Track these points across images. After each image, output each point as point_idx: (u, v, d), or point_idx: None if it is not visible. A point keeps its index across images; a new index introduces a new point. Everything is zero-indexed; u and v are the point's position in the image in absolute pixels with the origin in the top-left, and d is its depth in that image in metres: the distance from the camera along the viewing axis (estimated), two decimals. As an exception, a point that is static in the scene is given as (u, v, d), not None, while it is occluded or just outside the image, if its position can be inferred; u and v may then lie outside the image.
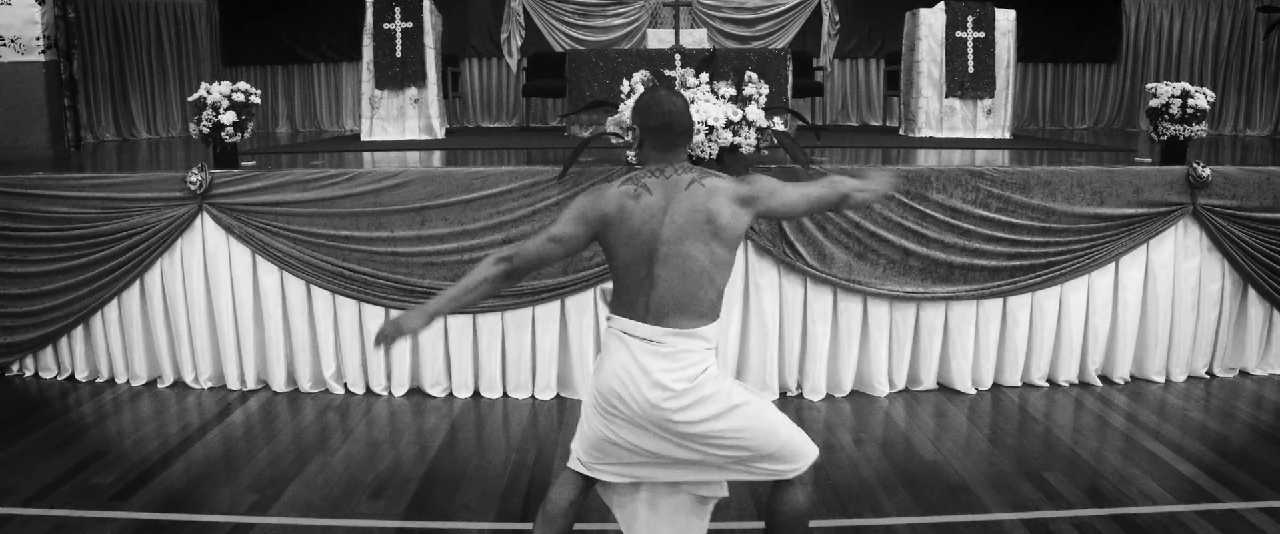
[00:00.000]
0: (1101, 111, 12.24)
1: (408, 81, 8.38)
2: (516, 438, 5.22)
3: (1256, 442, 5.18)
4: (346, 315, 5.80)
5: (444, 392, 5.86)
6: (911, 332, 5.83)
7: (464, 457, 4.95)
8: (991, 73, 8.23)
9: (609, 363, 3.09)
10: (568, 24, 11.18)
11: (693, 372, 3.02)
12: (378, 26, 8.34)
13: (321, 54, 11.72)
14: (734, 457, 3.10)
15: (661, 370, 2.99)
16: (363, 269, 5.67)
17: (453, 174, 5.63)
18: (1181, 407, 5.73)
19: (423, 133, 8.45)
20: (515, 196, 5.58)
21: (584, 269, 5.60)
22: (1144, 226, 5.91)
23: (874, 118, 11.87)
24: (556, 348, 5.76)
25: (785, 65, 8.02)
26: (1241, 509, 4.33)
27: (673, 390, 2.99)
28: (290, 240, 5.69)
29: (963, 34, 8.20)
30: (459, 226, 5.62)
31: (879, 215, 5.63)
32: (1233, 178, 5.99)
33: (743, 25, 11.31)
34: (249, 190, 5.69)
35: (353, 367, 5.87)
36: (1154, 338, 6.10)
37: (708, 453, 3.09)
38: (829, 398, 5.82)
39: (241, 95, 5.85)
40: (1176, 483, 4.60)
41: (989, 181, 5.73)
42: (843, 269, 5.65)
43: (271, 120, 11.92)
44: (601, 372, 3.13)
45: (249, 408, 5.71)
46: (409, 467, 4.81)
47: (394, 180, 5.63)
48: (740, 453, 3.09)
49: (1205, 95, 6.09)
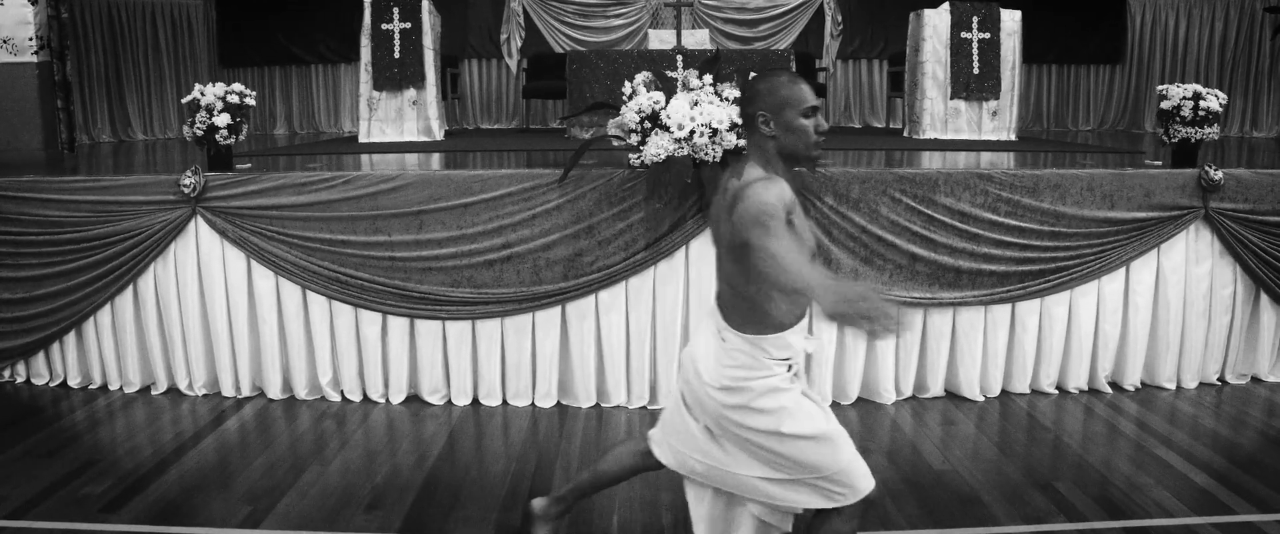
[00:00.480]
0: (1106, 113, 12.16)
1: (406, 83, 8.28)
2: (517, 447, 5.11)
3: (1270, 450, 5.07)
4: (343, 321, 5.69)
5: (443, 399, 5.76)
6: (918, 338, 5.72)
7: (463, 466, 4.85)
8: (997, 74, 8.14)
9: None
10: (568, 24, 11.08)
11: (739, 374, 3.02)
12: (376, 27, 8.24)
13: (320, 55, 11.63)
14: (774, 471, 3.10)
15: (704, 355, 3.12)
16: (359, 274, 5.57)
17: (451, 177, 5.53)
18: (1193, 414, 5.64)
19: (421, 134, 8.36)
20: (514, 200, 5.48)
21: (585, 274, 5.50)
22: (1155, 230, 5.81)
23: (877, 119, 11.79)
24: (557, 354, 5.66)
25: (788, 65, 7.92)
26: (1259, 522, 4.23)
27: (708, 382, 3.07)
28: (285, 245, 5.59)
29: (968, 35, 8.10)
30: (457, 231, 5.51)
31: (886, 220, 5.53)
32: (1245, 181, 5.90)
33: (745, 26, 11.22)
34: (244, 194, 5.60)
35: (349, 373, 5.77)
36: (1165, 343, 6.00)
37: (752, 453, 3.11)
38: (835, 406, 5.70)
39: (236, 97, 5.76)
40: (1190, 493, 4.50)
41: (997, 185, 5.63)
42: (849, 275, 5.54)
43: (269, 122, 11.84)
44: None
45: (244, 415, 5.60)
46: (407, 476, 4.71)
47: (391, 184, 5.53)
48: (780, 469, 3.10)
49: (1217, 97, 5.99)
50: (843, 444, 3.08)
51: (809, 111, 2.90)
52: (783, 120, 2.89)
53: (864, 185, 5.51)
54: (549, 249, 5.50)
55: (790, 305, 3.01)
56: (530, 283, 5.52)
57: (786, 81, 2.92)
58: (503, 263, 5.52)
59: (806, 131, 2.90)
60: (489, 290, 5.54)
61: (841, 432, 3.12)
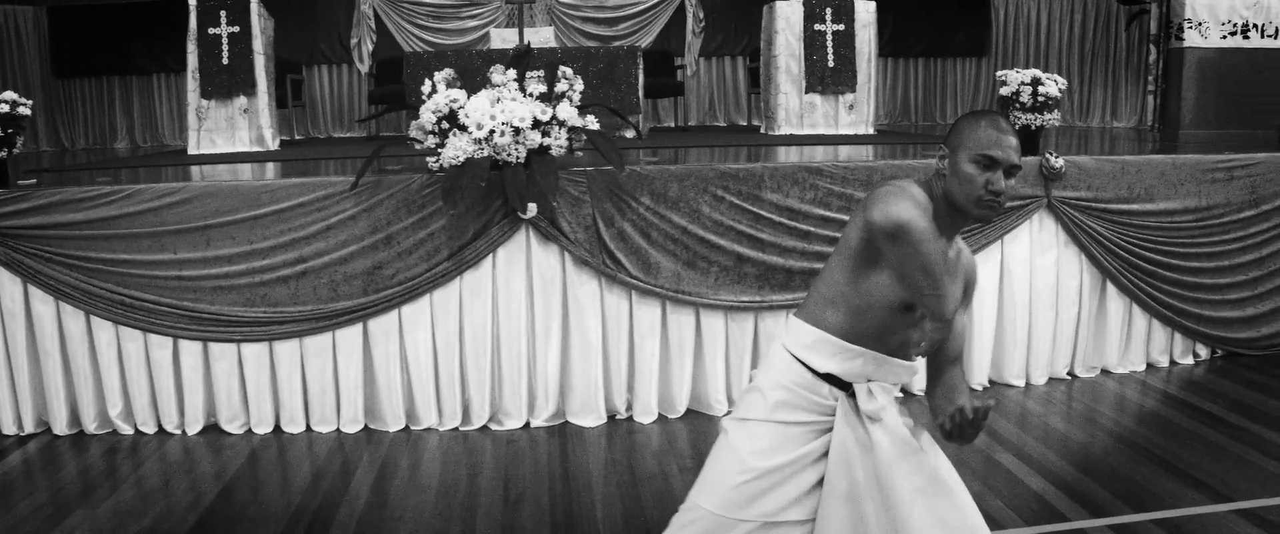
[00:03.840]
0: (973, 105, 12.16)
1: (236, 90, 7.80)
2: (307, 479, 4.70)
3: (1115, 449, 4.85)
4: (132, 347, 5.22)
5: (242, 427, 5.32)
6: (750, 344, 5.38)
7: (240, 504, 4.43)
8: (853, 66, 7.88)
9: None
10: (420, 26, 10.64)
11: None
12: (202, 31, 7.76)
13: (163, 64, 11.02)
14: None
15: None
16: (145, 296, 5.11)
17: (238, 188, 5.10)
18: (1042, 413, 5.40)
19: (254, 145, 7.88)
20: (307, 211, 5.06)
21: (386, 288, 5.11)
22: (997, 221, 5.56)
23: (742, 117, 11.51)
24: (361, 375, 5.25)
25: (636, 63, 7.59)
26: (1089, 528, 4.01)
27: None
28: (65, 266, 5.11)
29: (821, 27, 7.84)
30: (248, 246, 5.08)
31: (709, 219, 5.20)
32: (1087, 168, 5.70)
33: (603, 25, 10.88)
34: (15, 212, 5.10)
35: (141, 403, 5.30)
36: (1012, 339, 5.77)
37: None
38: (661, 419, 5.38)
39: (6, 106, 5.27)
40: (1024, 501, 4.27)
41: (828, 179, 5.33)
42: (671, 279, 5.21)
43: (109, 135, 11.22)
44: None
45: (28, 452, 5.12)
46: (177, 518, 4.26)
47: (175, 197, 5.07)
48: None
49: (1056, 82, 5.78)
50: (751, 505, 2.50)
51: (984, 161, 2.36)
52: (955, 161, 2.41)
53: (683, 183, 5.18)
54: (346, 262, 5.09)
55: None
56: (328, 299, 5.12)
57: (981, 124, 2.39)
58: (298, 279, 5.10)
59: (974, 181, 2.37)
60: (285, 309, 5.12)
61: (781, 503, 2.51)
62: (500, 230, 5.07)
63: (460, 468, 4.83)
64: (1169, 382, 5.94)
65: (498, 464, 4.84)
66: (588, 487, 4.54)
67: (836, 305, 2.45)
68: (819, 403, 2.49)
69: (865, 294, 2.41)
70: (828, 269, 2.51)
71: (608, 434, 5.22)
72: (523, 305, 5.19)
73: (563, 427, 5.33)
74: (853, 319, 2.44)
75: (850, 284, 2.43)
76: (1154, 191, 5.85)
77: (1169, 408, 5.47)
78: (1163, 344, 6.15)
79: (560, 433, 5.25)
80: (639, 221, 5.14)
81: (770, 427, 2.50)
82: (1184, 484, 4.40)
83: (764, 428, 2.50)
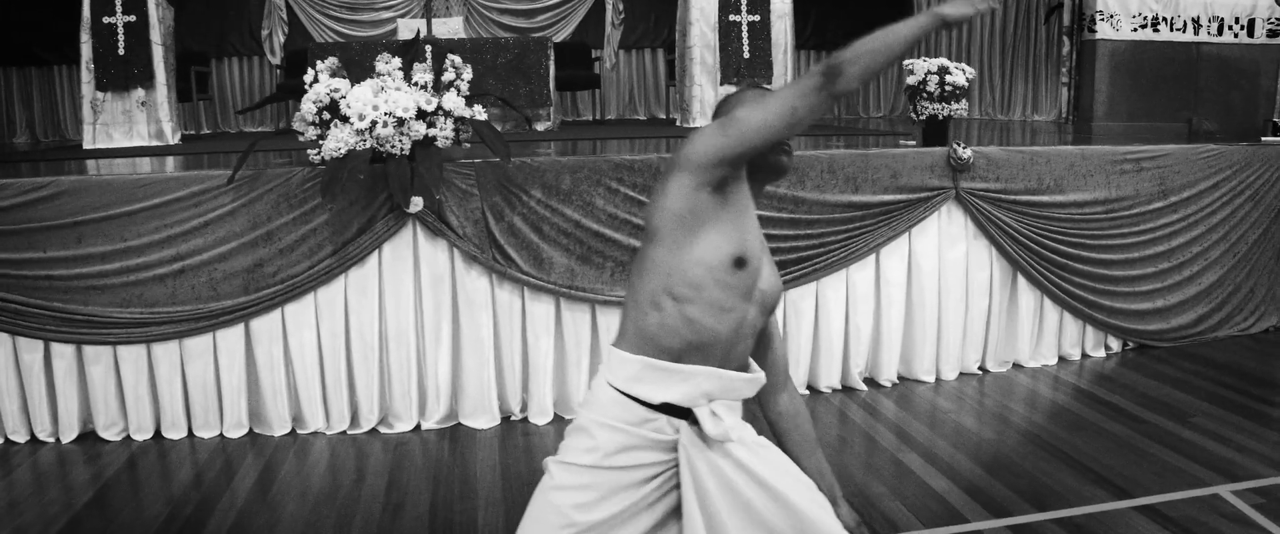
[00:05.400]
0: (896, 99, 12.07)
1: (133, 83, 7.49)
2: (184, 486, 4.47)
3: (1022, 447, 4.75)
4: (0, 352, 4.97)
5: (120, 433, 5.08)
6: (650, 341, 5.23)
7: (114, 510, 4.21)
8: (768, 57, 7.75)
9: None
10: (332, 17, 10.36)
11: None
12: (96, 21, 7.45)
13: (65, 55, 10.60)
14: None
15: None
16: (12, 297, 4.84)
17: (110, 183, 4.85)
18: (952, 411, 5.30)
19: (153, 139, 7.58)
20: (183, 206, 4.82)
21: (267, 286, 4.89)
22: (904, 214, 5.46)
23: (662, 110, 11.33)
24: (244, 378, 5.03)
25: (547, 55, 7.41)
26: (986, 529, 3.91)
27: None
28: (-74, 267, 4.85)
29: (736, 17, 7.69)
30: (121, 243, 4.83)
31: (603, 213, 5.04)
32: (995, 159, 5.61)
33: (520, 16, 10.66)
34: (-128, 211, 4.83)
35: (11, 410, 5.03)
36: (922, 334, 5.67)
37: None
38: (557, 420, 5.20)
39: None
40: (924, 502, 4.16)
41: (729, 171, 5.18)
42: (563, 275, 5.04)
43: (8, 129, 10.79)
44: None
45: (-112, 466, 4.85)
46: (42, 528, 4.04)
47: (42, 192, 4.81)
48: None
49: (964, 71, 5.68)
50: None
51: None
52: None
53: (576, 175, 5.01)
54: (225, 260, 4.86)
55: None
56: (207, 298, 4.89)
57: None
58: (175, 277, 4.87)
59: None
60: (162, 309, 4.88)
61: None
62: (386, 225, 4.87)
63: (345, 472, 4.63)
64: (1080, 375, 5.87)
65: (383, 468, 4.65)
66: (473, 491, 4.36)
67: (660, 306, 2.15)
68: (658, 440, 2.15)
69: (697, 263, 2.12)
70: (639, 275, 2.21)
71: (501, 436, 5.04)
72: (411, 303, 5.00)
73: (455, 429, 5.15)
74: (681, 323, 2.14)
75: (674, 263, 2.13)
76: (1063, 183, 5.77)
77: (1078, 402, 5.39)
78: (1074, 337, 6.09)
79: (452, 435, 5.06)
80: (530, 215, 4.96)
81: (601, 473, 2.14)
82: (1086, 481, 4.32)
83: (593, 476, 2.14)
